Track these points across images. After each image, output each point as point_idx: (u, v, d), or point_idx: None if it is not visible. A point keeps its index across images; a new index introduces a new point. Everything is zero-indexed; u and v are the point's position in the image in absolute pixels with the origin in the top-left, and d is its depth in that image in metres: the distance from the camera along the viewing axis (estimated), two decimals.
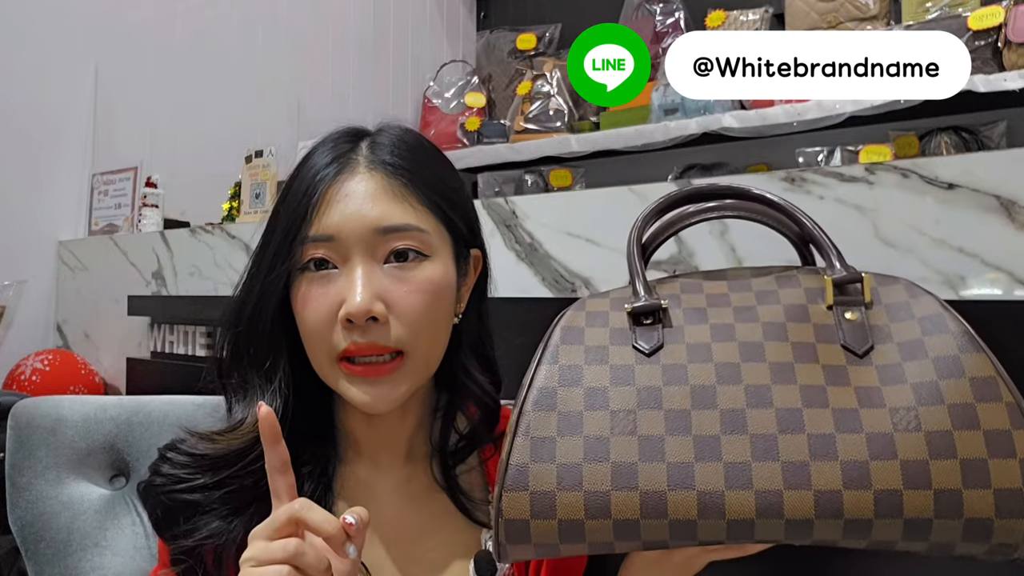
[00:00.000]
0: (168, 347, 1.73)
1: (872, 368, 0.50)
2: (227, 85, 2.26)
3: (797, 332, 0.53)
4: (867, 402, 0.49)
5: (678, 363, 0.53)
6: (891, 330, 0.52)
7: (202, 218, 1.93)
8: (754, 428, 0.49)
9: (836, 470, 0.46)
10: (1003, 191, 0.74)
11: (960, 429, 0.46)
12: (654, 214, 0.62)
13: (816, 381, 0.50)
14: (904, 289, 0.54)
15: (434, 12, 3.00)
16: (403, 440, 0.70)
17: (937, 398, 0.48)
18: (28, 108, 1.86)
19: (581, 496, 0.49)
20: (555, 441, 0.51)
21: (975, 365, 0.48)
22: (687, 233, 0.95)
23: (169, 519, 0.63)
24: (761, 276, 0.59)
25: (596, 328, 0.56)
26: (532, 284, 1.06)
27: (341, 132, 0.68)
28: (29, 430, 0.84)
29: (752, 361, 0.52)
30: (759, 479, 0.47)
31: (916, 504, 0.45)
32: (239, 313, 0.66)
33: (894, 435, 0.47)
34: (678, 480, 0.48)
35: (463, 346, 0.69)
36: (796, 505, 0.46)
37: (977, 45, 1.82)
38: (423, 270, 0.63)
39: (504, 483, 0.51)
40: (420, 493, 0.69)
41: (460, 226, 0.68)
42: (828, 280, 0.54)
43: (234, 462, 0.63)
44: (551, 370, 0.54)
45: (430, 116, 2.78)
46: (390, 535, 0.67)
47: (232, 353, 0.67)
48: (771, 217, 0.62)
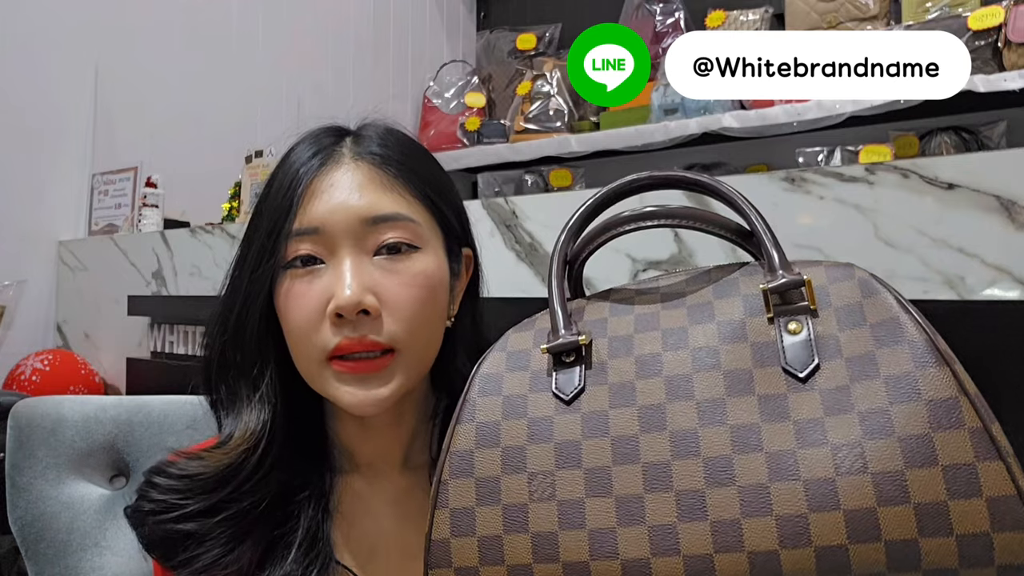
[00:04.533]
0: (168, 347, 1.73)
1: (816, 394, 0.44)
2: (227, 85, 2.26)
3: (732, 356, 0.47)
4: (807, 440, 0.42)
5: (599, 410, 0.48)
6: (840, 341, 0.45)
7: (202, 218, 1.93)
8: (680, 483, 0.44)
9: (771, 527, 0.41)
10: (1003, 191, 0.74)
11: (914, 467, 0.40)
12: (578, 225, 0.56)
13: (750, 419, 0.44)
14: (858, 286, 0.46)
15: (434, 12, 3.00)
16: (399, 449, 0.67)
17: (887, 430, 0.41)
18: (28, 108, 1.86)
19: (504, 571, 0.46)
20: (474, 512, 0.47)
21: (934, 384, 0.41)
22: (688, 232, 0.95)
23: (166, 549, 0.59)
24: (698, 285, 0.52)
25: (515, 373, 0.51)
26: (532, 284, 1.06)
27: (322, 128, 0.65)
28: (29, 430, 0.84)
29: (678, 400, 0.46)
30: (687, 543, 0.42)
31: (865, 559, 0.40)
32: (224, 318, 0.63)
33: (836, 480, 0.41)
34: (600, 549, 0.44)
35: (459, 350, 0.66)
36: (729, 569, 0.41)
37: (977, 45, 1.82)
38: (415, 262, 0.60)
39: (428, 561, 0.48)
40: (419, 506, 0.65)
41: (452, 220, 0.65)
42: (764, 290, 0.47)
43: (227, 481, 0.59)
44: (468, 430, 0.50)
45: (430, 116, 2.78)
46: (388, 551, 0.64)
47: (219, 364, 0.64)
48: (702, 220, 0.55)
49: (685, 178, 0.55)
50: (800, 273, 0.48)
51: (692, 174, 0.55)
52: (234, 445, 0.61)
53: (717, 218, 0.55)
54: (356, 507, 0.65)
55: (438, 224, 0.63)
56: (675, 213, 0.55)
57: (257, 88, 2.32)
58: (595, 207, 0.56)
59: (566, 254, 0.55)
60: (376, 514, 0.65)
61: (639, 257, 0.96)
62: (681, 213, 0.55)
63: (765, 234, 0.50)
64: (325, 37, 2.59)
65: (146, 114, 2.07)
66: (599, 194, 0.56)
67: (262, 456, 0.60)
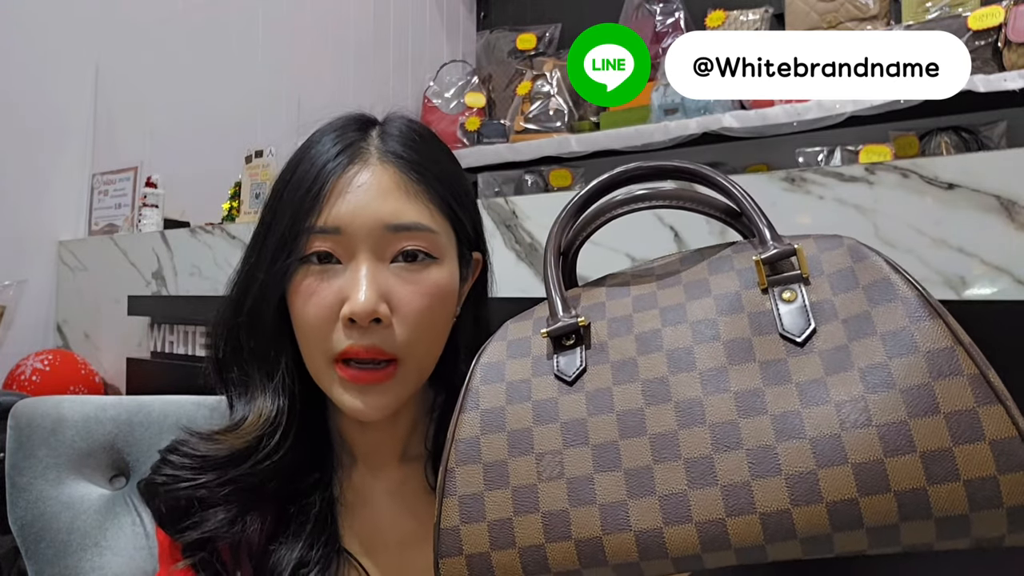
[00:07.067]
0: (168, 347, 1.73)
1: (815, 356, 0.45)
2: (227, 84, 2.26)
3: (730, 327, 0.48)
4: (811, 399, 0.43)
5: (603, 388, 0.48)
6: (835, 304, 0.46)
7: (202, 218, 1.94)
8: (688, 451, 0.44)
9: (781, 486, 0.41)
10: (1003, 191, 0.74)
11: (917, 416, 0.40)
12: (570, 215, 0.56)
13: (753, 384, 0.45)
14: (848, 252, 0.48)
15: (434, 12, 3.00)
16: (397, 442, 0.68)
17: (888, 383, 0.42)
18: (28, 108, 1.86)
19: (516, 554, 0.46)
20: (483, 497, 0.47)
21: (929, 335, 0.42)
22: (684, 226, 0.95)
23: (175, 514, 0.61)
24: (691, 264, 0.53)
25: (517, 360, 0.52)
26: (532, 284, 1.06)
27: (347, 119, 0.65)
28: (29, 430, 0.84)
29: (681, 371, 0.47)
30: (698, 510, 0.43)
31: (877, 511, 0.40)
32: (238, 305, 0.63)
33: (841, 435, 0.41)
34: (612, 523, 0.44)
35: (460, 348, 0.66)
36: (742, 532, 0.42)
37: (977, 45, 1.82)
38: (431, 273, 0.61)
39: (439, 550, 0.48)
40: (415, 497, 0.67)
41: (467, 227, 0.66)
42: (757, 261, 0.48)
43: (239, 462, 0.61)
44: (472, 417, 0.50)
45: (430, 116, 2.78)
46: (386, 541, 0.66)
47: (232, 347, 0.65)
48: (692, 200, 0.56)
49: (672, 167, 0.56)
50: (791, 244, 0.49)
51: (679, 162, 0.56)
52: (247, 430, 0.62)
53: (706, 198, 0.56)
54: (355, 498, 0.67)
55: (455, 233, 0.64)
56: (666, 195, 0.56)
57: (257, 88, 2.32)
58: (587, 198, 0.56)
59: (559, 244, 0.56)
60: (375, 505, 0.67)
61: (639, 257, 0.96)
62: (672, 194, 0.57)
63: (755, 211, 0.52)
64: (325, 37, 2.59)
65: (146, 114, 2.07)
66: (590, 186, 0.56)
67: (279, 441, 0.62)
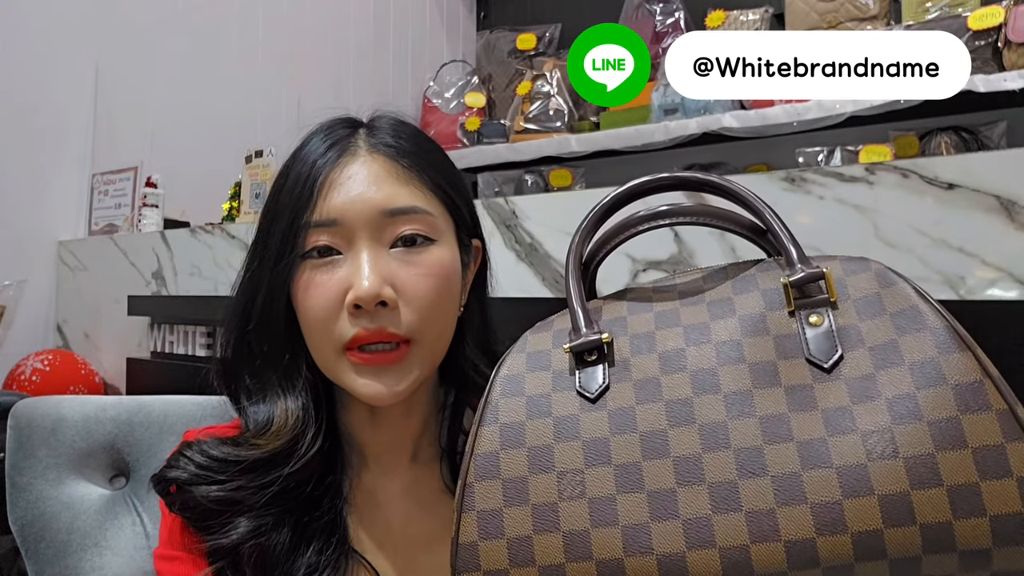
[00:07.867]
0: (168, 347, 1.73)
1: (842, 383, 0.44)
2: (227, 84, 2.26)
3: (755, 350, 0.47)
4: (837, 428, 0.43)
5: (626, 407, 0.48)
6: (861, 331, 0.46)
7: (202, 218, 1.93)
8: (712, 476, 0.44)
9: (806, 515, 0.41)
10: (1003, 191, 0.74)
11: (944, 450, 0.40)
12: (592, 225, 0.56)
13: (778, 409, 0.45)
14: (875, 278, 0.47)
15: (434, 12, 3.00)
16: (409, 441, 0.67)
17: (915, 414, 0.42)
18: (28, 108, 1.86)
19: (536, 572, 0.46)
20: (502, 513, 0.47)
21: (958, 368, 0.42)
22: (687, 233, 0.95)
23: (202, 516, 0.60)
24: (715, 282, 0.52)
25: (536, 374, 0.51)
26: (532, 284, 1.06)
27: (335, 120, 0.66)
28: (29, 430, 0.84)
29: (706, 393, 0.46)
30: (722, 535, 0.43)
31: (901, 543, 0.40)
32: (246, 309, 0.63)
33: (868, 466, 0.41)
34: (635, 545, 0.44)
35: (468, 340, 0.67)
36: (765, 559, 0.42)
37: (977, 45, 1.82)
38: (431, 254, 0.61)
39: (456, 565, 0.48)
40: (429, 497, 0.67)
41: (463, 212, 0.66)
42: (785, 284, 0.48)
43: (283, 463, 0.60)
44: (492, 431, 0.49)
45: (430, 116, 2.78)
46: (398, 543, 0.65)
47: (242, 354, 0.64)
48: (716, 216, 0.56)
49: (698, 179, 0.56)
50: (819, 267, 0.48)
51: (704, 175, 0.55)
52: (280, 430, 0.62)
53: (730, 214, 0.56)
54: (365, 499, 0.66)
55: (451, 216, 0.65)
56: (690, 211, 0.56)
57: (257, 88, 2.32)
58: (608, 208, 0.56)
59: (581, 255, 0.55)
60: (385, 507, 0.66)
61: (639, 257, 0.97)
62: (696, 211, 0.56)
63: (781, 230, 0.51)
64: (325, 37, 2.59)
65: (146, 114, 2.07)
66: (613, 195, 0.56)
67: (313, 439, 0.62)
